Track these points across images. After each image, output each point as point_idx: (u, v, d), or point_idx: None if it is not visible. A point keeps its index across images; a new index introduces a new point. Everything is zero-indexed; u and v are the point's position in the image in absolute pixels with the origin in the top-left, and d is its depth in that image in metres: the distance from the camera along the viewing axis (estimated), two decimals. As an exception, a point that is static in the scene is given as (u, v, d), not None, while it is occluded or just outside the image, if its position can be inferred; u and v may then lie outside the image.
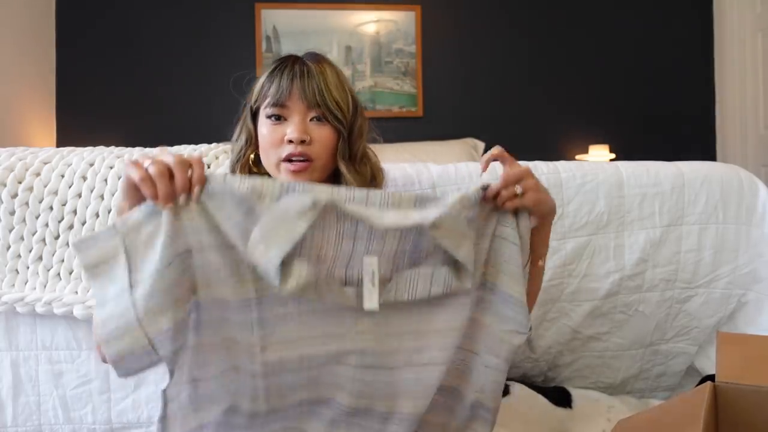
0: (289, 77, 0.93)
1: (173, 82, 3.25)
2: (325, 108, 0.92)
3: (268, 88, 0.94)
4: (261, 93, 0.96)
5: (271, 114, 0.93)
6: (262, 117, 0.96)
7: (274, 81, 0.94)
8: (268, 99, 0.94)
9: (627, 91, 3.62)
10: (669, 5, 3.63)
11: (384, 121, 3.50)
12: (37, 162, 1.14)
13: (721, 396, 0.85)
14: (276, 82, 0.93)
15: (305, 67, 0.93)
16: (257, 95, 0.96)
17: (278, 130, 0.93)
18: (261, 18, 3.41)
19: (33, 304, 1.10)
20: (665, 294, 1.31)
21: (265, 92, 0.95)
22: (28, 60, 3.00)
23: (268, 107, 0.94)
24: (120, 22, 3.30)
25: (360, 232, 0.72)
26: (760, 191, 1.32)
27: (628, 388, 1.43)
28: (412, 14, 3.51)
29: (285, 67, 0.94)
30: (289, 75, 0.93)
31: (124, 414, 1.17)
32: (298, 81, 0.92)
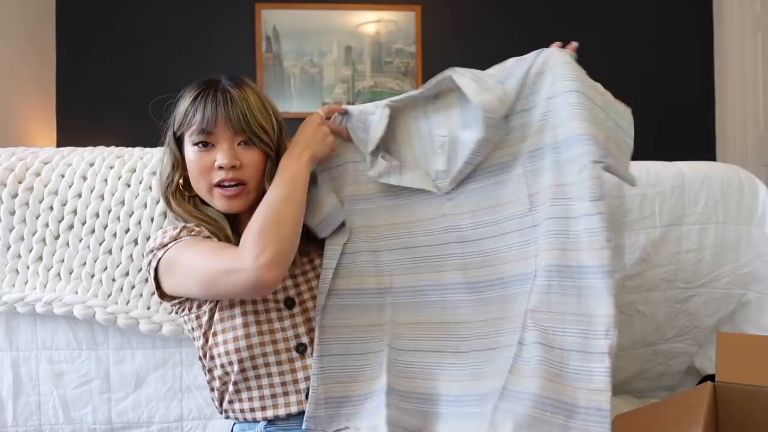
0: (212, 105, 0.94)
1: (173, 82, 3.25)
2: (251, 132, 0.95)
3: (192, 116, 0.95)
4: (185, 120, 0.96)
5: (198, 141, 0.95)
6: (188, 144, 0.97)
7: (198, 109, 0.94)
8: (193, 127, 0.95)
9: (627, 91, 3.61)
10: (669, 5, 3.63)
11: (384, 121, 3.50)
12: (37, 162, 1.14)
13: (721, 396, 0.85)
14: (201, 111, 0.94)
15: (228, 93, 0.95)
16: (180, 121, 0.97)
17: (207, 156, 0.95)
18: (261, 18, 3.41)
19: (33, 304, 1.10)
20: (665, 294, 1.31)
21: (190, 120, 0.95)
22: (28, 60, 3.00)
23: (194, 135, 0.95)
24: (120, 22, 3.30)
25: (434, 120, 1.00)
26: (760, 191, 1.32)
27: (628, 387, 1.43)
28: (412, 14, 3.51)
29: (207, 94, 0.95)
30: (213, 102, 0.94)
31: (124, 414, 1.17)
32: (222, 108, 0.94)
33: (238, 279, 0.84)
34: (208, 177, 0.95)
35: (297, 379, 0.95)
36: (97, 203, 1.12)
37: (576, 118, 0.83)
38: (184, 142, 0.98)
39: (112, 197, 1.12)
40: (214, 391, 0.98)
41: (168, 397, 1.18)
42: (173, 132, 0.98)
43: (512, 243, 0.91)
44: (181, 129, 0.97)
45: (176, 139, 0.99)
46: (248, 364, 0.92)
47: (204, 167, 0.95)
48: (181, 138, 0.98)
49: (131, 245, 1.12)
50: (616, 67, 3.61)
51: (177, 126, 0.97)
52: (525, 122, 0.91)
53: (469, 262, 0.94)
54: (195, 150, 0.95)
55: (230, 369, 0.93)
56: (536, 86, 0.91)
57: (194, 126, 0.94)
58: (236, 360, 0.92)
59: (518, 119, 0.92)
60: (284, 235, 0.87)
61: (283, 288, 0.98)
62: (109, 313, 1.11)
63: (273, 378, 0.95)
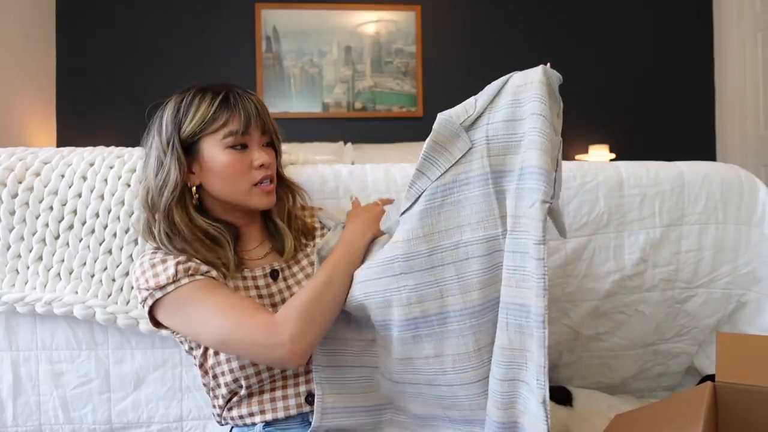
0: (247, 108, 0.96)
1: (173, 82, 3.25)
2: (274, 134, 1.02)
3: (223, 118, 0.94)
4: (206, 123, 0.94)
5: (236, 144, 0.95)
6: (215, 146, 0.94)
7: (233, 112, 0.94)
8: (225, 129, 0.94)
9: (627, 91, 3.62)
10: (669, 5, 3.63)
11: (384, 121, 3.50)
12: (37, 162, 1.14)
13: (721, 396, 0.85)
14: (237, 113, 0.94)
15: (253, 98, 0.98)
16: (199, 125, 0.94)
17: (244, 157, 0.96)
18: (261, 18, 3.41)
19: (33, 304, 1.10)
20: (665, 294, 1.31)
21: (218, 122, 0.94)
22: (28, 60, 3.00)
23: (229, 137, 0.94)
24: (120, 22, 3.30)
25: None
26: (760, 191, 1.32)
27: (628, 388, 1.43)
28: (412, 14, 3.51)
29: (236, 97, 0.96)
30: (245, 106, 0.96)
31: (124, 414, 1.17)
32: (255, 111, 0.97)
33: (265, 354, 0.84)
34: (248, 177, 0.96)
35: (298, 383, 0.95)
36: (97, 203, 1.12)
37: (536, 146, 0.78)
38: (197, 146, 0.95)
39: (112, 197, 1.12)
40: (217, 399, 0.97)
41: (168, 397, 1.18)
42: (179, 137, 0.94)
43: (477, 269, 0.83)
44: (201, 133, 0.94)
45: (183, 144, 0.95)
46: (254, 380, 0.93)
47: (243, 168, 0.96)
48: (194, 142, 0.95)
49: (131, 245, 1.12)
50: (616, 67, 3.61)
51: (191, 131, 0.94)
52: (491, 137, 0.84)
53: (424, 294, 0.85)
54: (231, 152, 0.95)
55: (235, 386, 0.93)
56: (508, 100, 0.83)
57: (227, 128, 0.94)
58: (242, 377, 0.92)
59: (484, 132, 0.84)
60: (326, 320, 0.88)
61: (282, 301, 0.98)
62: (108, 313, 1.11)
63: (276, 382, 0.95)
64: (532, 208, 0.76)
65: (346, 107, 3.48)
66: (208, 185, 0.97)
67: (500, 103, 0.84)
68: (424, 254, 0.84)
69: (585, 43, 3.60)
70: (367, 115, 3.48)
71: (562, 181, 0.90)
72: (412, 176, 0.86)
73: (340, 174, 1.25)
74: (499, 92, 0.85)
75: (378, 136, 3.40)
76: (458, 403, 0.87)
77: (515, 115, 0.82)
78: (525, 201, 0.79)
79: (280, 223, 1.04)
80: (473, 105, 0.86)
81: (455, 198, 0.85)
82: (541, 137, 0.78)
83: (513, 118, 0.82)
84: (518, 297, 0.78)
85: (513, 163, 0.82)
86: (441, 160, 0.85)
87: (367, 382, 0.96)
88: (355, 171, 1.27)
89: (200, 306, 0.87)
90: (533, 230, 0.76)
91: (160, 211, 0.93)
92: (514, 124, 0.82)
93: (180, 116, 0.95)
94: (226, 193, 0.97)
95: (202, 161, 0.95)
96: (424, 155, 0.85)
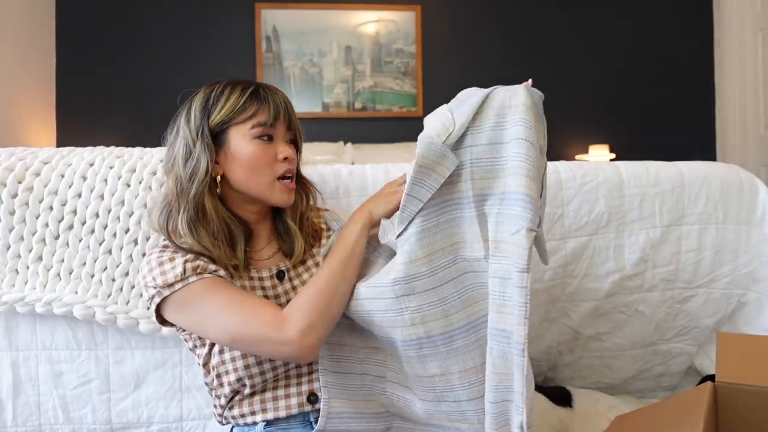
0: (276, 101, 0.97)
1: (173, 82, 3.25)
2: (298, 131, 1.03)
3: (252, 109, 0.95)
4: (235, 112, 0.95)
5: (263, 134, 0.96)
6: (243, 136, 0.96)
7: (263, 103, 0.96)
8: (253, 120, 0.95)
9: (627, 91, 3.62)
10: (669, 5, 3.63)
11: (384, 121, 3.51)
12: (37, 162, 1.14)
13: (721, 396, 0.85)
14: (267, 105, 0.96)
15: (282, 94, 1.00)
16: (228, 114, 0.95)
17: (270, 149, 0.97)
18: (261, 18, 3.41)
19: (33, 304, 1.10)
20: (665, 294, 1.31)
21: (248, 112, 0.95)
22: (28, 60, 3.00)
23: (257, 127, 0.95)
24: (120, 23, 3.30)
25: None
26: (760, 191, 1.32)
27: (628, 388, 1.43)
28: (412, 14, 3.51)
29: (266, 90, 0.98)
30: (274, 99, 0.97)
31: (124, 414, 1.17)
32: (283, 105, 0.98)
33: (276, 350, 0.85)
34: (272, 169, 0.97)
35: (301, 382, 0.96)
36: (97, 203, 1.12)
37: (520, 172, 0.78)
38: (225, 136, 0.96)
39: (112, 197, 1.12)
40: (219, 398, 0.97)
41: (168, 397, 1.18)
42: (208, 125, 0.96)
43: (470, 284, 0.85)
44: (229, 122, 0.96)
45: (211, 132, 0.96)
46: (258, 379, 0.93)
47: (269, 159, 0.96)
48: (221, 131, 0.96)
49: (131, 245, 1.12)
50: (616, 67, 3.61)
51: (220, 119, 0.96)
52: (475, 160, 0.84)
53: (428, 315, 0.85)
54: (258, 143, 0.96)
55: (239, 386, 0.94)
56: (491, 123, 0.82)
57: (256, 119, 0.95)
58: (246, 376, 0.92)
59: (468, 155, 0.84)
60: (333, 315, 0.88)
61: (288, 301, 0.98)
62: (108, 313, 1.11)
63: (279, 381, 0.95)
64: (517, 235, 0.77)
65: (346, 107, 3.48)
66: (231, 175, 0.97)
67: (483, 125, 0.83)
68: (426, 275, 0.84)
69: (585, 43, 3.60)
70: (367, 115, 3.49)
71: (546, 204, 0.91)
72: (403, 200, 0.85)
73: (340, 174, 1.25)
74: (480, 110, 0.83)
75: (378, 136, 3.40)
76: (467, 417, 0.88)
77: (498, 138, 0.82)
78: (507, 227, 0.79)
79: (292, 225, 1.03)
80: (451, 121, 0.85)
81: (449, 217, 0.86)
82: (526, 163, 0.77)
83: (496, 142, 0.82)
84: (501, 322, 0.79)
85: (495, 186, 0.83)
86: (430, 181, 0.84)
87: (370, 390, 0.95)
88: (355, 171, 1.27)
89: (209, 303, 0.88)
90: (517, 258, 0.76)
91: (190, 199, 0.93)
92: (497, 148, 0.82)
93: (209, 105, 0.96)
94: (248, 184, 0.97)
95: (228, 151, 0.96)
96: (413, 179, 0.84)
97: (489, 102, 0.83)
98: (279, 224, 1.05)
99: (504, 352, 0.79)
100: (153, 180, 1.14)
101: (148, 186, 1.13)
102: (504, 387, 0.80)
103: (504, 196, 0.81)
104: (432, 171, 0.84)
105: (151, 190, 1.13)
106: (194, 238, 0.92)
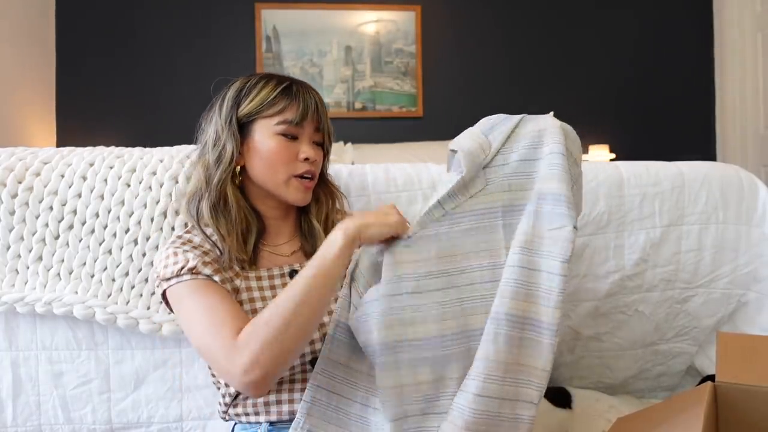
0: (307, 100, 0.97)
1: (173, 82, 3.25)
2: (327, 135, 1.03)
3: (281, 105, 0.96)
4: (264, 106, 0.96)
5: (287, 132, 0.97)
6: (266, 131, 0.96)
7: (292, 100, 0.96)
8: (280, 116, 0.96)
9: (627, 91, 3.62)
10: (669, 5, 3.64)
11: (384, 121, 3.51)
12: (37, 162, 1.14)
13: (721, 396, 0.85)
14: (296, 103, 0.97)
15: (315, 94, 1.00)
16: (257, 107, 0.96)
17: (291, 147, 0.97)
18: (261, 18, 3.41)
19: (33, 304, 1.10)
20: (665, 294, 1.31)
21: (276, 108, 0.96)
22: (28, 60, 3.00)
23: (282, 124, 0.96)
24: (120, 22, 3.30)
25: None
26: (760, 191, 1.32)
27: (628, 388, 1.43)
28: (412, 14, 3.51)
29: (299, 88, 0.98)
30: (308, 98, 0.98)
31: (124, 414, 1.17)
32: (314, 106, 0.98)
33: (223, 377, 0.84)
34: (291, 167, 0.97)
35: (305, 388, 0.94)
36: (97, 203, 1.12)
37: (559, 179, 0.85)
38: (251, 127, 0.97)
39: (112, 197, 1.12)
40: (225, 396, 0.97)
41: (168, 397, 1.18)
42: (237, 115, 0.97)
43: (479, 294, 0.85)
44: (257, 114, 0.97)
45: (239, 122, 0.97)
46: None
47: (289, 157, 0.97)
48: (248, 122, 0.97)
49: (131, 245, 1.12)
50: (616, 67, 3.61)
51: (248, 110, 0.97)
52: (507, 174, 0.89)
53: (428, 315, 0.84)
54: (280, 139, 0.96)
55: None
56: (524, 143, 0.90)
57: (282, 115, 0.96)
58: None
59: (500, 171, 0.90)
60: (291, 348, 0.80)
61: None
62: (108, 313, 1.11)
63: (283, 385, 0.95)
64: (562, 230, 0.82)
65: (346, 107, 3.48)
66: (250, 167, 0.98)
67: (514, 146, 0.90)
68: (434, 275, 0.86)
69: (585, 43, 3.60)
70: (367, 115, 3.49)
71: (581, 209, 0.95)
72: (431, 206, 0.89)
73: (340, 174, 1.25)
74: (511, 135, 0.91)
75: (378, 136, 3.40)
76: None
77: (532, 155, 0.89)
78: (545, 223, 0.84)
79: (317, 225, 1.03)
80: (488, 143, 0.91)
81: (465, 227, 0.89)
82: (562, 171, 0.85)
83: (529, 158, 0.89)
84: (520, 310, 0.80)
85: (528, 195, 0.88)
86: (459, 195, 0.89)
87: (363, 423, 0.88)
88: (355, 171, 1.27)
89: (188, 306, 0.89)
90: (560, 250, 0.81)
91: (213, 186, 0.95)
92: (530, 164, 0.89)
93: (241, 95, 0.98)
94: (264, 178, 0.98)
95: (251, 142, 0.97)
96: (451, 192, 0.89)
97: (521, 128, 0.91)
98: (304, 223, 1.04)
99: (522, 339, 0.80)
100: (153, 179, 1.14)
101: (148, 186, 1.13)
102: (512, 380, 0.78)
103: (542, 196, 0.86)
104: (466, 186, 0.89)
105: (150, 191, 1.13)
106: (215, 224, 0.94)
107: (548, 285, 0.81)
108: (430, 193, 1.25)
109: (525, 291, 0.81)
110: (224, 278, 0.92)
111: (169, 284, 0.90)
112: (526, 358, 0.80)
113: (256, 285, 0.96)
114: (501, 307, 0.81)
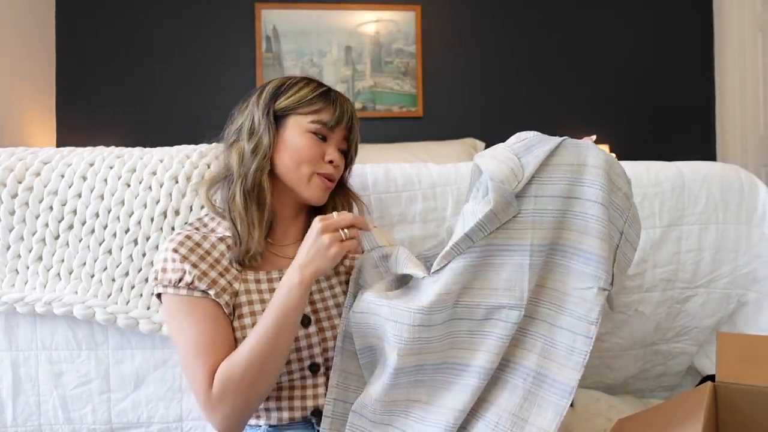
0: (345, 108, 1.01)
1: (173, 82, 3.25)
2: (354, 146, 1.06)
3: (320, 105, 0.99)
4: (303, 104, 0.99)
5: (319, 132, 0.99)
6: (298, 127, 0.99)
7: (331, 103, 0.99)
8: (315, 116, 0.98)
9: (627, 91, 3.62)
10: (669, 5, 3.63)
11: (384, 121, 3.50)
12: (37, 162, 1.14)
13: (721, 396, 0.85)
14: (334, 106, 1.00)
15: (352, 106, 1.03)
16: (296, 102, 0.99)
17: (319, 147, 1.00)
18: (261, 18, 3.41)
19: (33, 304, 1.10)
20: (665, 294, 1.31)
21: (313, 107, 0.99)
22: (28, 60, 3.00)
23: (316, 123, 0.98)
24: (120, 22, 3.30)
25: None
26: (760, 191, 1.32)
27: (628, 388, 1.43)
28: (412, 14, 3.51)
29: (338, 95, 1.02)
30: (342, 106, 1.01)
31: (124, 414, 1.17)
32: (349, 115, 1.01)
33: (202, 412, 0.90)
34: (315, 165, 0.99)
35: (305, 396, 0.96)
36: (97, 203, 1.12)
37: (595, 234, 0.80)
38: (284, 121, 1.00)
39: (112, 197, 1.12)
40: None
41: (168, 397, 1.18)
42: (274, 107, 1.00)
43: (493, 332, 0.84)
44: (293, 110, 0.99)
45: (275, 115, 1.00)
46: None
47: (315, 156, 0.99)
48: (283, 116, 1.00)
49: (131, 245, 1.12)
50: (616, 67, 3.61)
51: (285, 105, 0.99)
52: (539, 210, 0.83)
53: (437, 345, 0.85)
54: (310, 137, 0.99)
55: None
56: (561, 176, 0.83)
57: (318, 115, 0.99)
58: None
59: (532, 204, 0.83)
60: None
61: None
62: (108, 313, 1.11)
63: (282, 391, 0.95)
64: (588, 291, 0.80)
65: (346, 107, 3.48)
66: (277, 160, 1.00)
67: (550, 177, 0.83)
68: (449, 307, 0.84)
69: (585, 43, 3.60)
70: (367, 115, 3.48)
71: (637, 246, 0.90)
72: (458, 239, 0.84)
73: (340, 174, 1.25)
74: (549, 161, 0.83)
75: (378, 136, 3.40)
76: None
77: (568, 192, 0.83)
78: (573, 281, 0.82)
79: None
80: (520, 167, 0.83)
81: (495, 261, 0.84)
82: (599, 225, 0.80)
83: (564, 195, 0.83)
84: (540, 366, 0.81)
85: (560, 239, 0.83)
86: (489, 225, 0.83)
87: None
88: (355, 171, 1.27)
89: (178, 323, 0.91)
90: (585, 311, 0.80)
91: (250, 172, 0.96)
92: (564, 201, 0.83)
93: (280, 91, 1.01)
94: (288, 172, 0.99)
95: (282, 136, 0.99)
96: (479, 224, 0.82)
97: (559, 156, 0.84)
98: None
99: (530, 393, 0.81)
100: (153, 179, 1.14)
101: (148, 186, 1.13)
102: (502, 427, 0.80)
103: (574, 251, 0.82)
104: (496, 215, 0.83)
105: (151, 191, 1.13)
106: (245, 209, 0.95)
107: (569, 344, 0.80)
108: (430, 193, 1.25)
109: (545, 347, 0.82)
110: (222, 287, 0.92)
111: (165, 290, 0.92)
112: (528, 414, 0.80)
113: (255, 288, 0.96)
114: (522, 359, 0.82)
